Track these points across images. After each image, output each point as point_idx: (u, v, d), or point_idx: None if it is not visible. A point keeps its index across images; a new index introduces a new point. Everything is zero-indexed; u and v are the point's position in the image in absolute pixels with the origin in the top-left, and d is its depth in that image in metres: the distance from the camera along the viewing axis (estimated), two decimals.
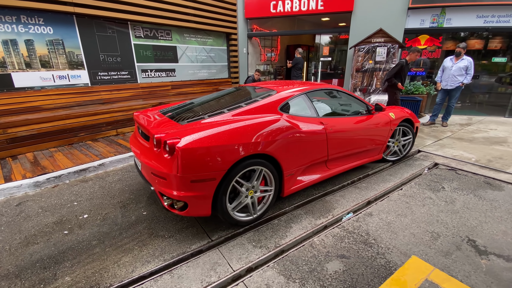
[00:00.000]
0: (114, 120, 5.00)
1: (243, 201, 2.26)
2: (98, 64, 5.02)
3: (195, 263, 1.93)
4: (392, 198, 2.85)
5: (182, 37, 6.33)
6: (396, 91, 4.96)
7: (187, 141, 1.91)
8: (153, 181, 2.13)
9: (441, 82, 5.60)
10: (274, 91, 2.75)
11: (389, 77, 4.89)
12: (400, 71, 4.81)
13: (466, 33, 6.56)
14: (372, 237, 2.19)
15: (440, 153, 4.16)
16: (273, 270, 1.85)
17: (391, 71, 4.91)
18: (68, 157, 3.84)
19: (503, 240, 2.14)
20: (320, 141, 2.66)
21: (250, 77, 6.35)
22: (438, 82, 5.66)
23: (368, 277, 1.78)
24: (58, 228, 2.39)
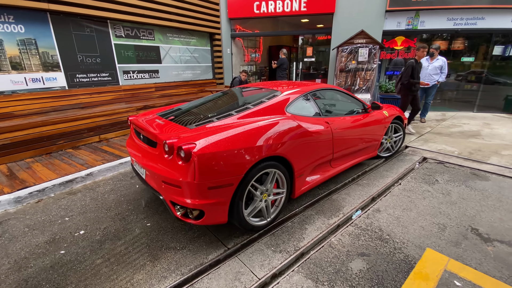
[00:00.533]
0: (96, 126, 4.65)
1: (257, 206, 2.19)
2: (75, 65, 4.64)
3: (217, 274, 1.84)
4: (394, 193, 2.95)
5: (165, 37, 6.08)
6: (409, 93, 4.87)
7: (203, 146, 1.81)
8: (164, 190, 1.99)
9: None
10: (279, 92, 2.72)
11: (407, 80, 4.73)
12: (413, 71, 4.69)
13: (438, 34, 7.03)
14: (385, 233, 2.24)
15: (425, 148, 4.40)
16: (299, 274, 1.82)
17: (405, 73, 4.76)
18: (49, 168, 3.50)
19: (501, 226, 2.30)
20: (326, 140, 2.68)
21: (236, 78, 6.26)
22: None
23: (392, 273, 1.81)
24: (53, 248, 2.15)
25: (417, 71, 4.77)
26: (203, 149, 1.80)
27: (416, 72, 4.75)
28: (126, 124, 5.10)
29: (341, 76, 6.83)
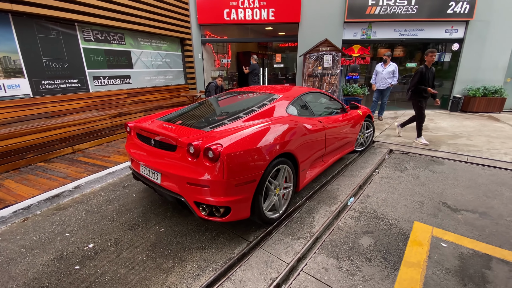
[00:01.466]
0: (69, 136, 4.30)
1: (272, 200, 2.38)
2: (41, 71, 4.24)
3: (248, 265, 1.97)
4: (376, 180, 3.40)
5: (136, 41, 5.86)
6: (420, 99, 4.61)
7: (228, 146, 1.94)
8: (187, 191, 2.05)
9: (375, 83, 6.75)
10: (276, 95, 2.95)
11: (413, 86, 4.56)
12: (422, 77, 4.45)
13: (388, 43, 8.08)
14: (379, 213, 2.62)
15: (389, 141, 5.07)
16: (321, 255, 2.05)
17: (413, 80, 4.58)
18: (26, 184, 3.17)
19: (463, 199, 2.87)
20: (321, 137, 2.99)
21: (212, 83, 6.32)
22: (373, 84, 6.78)
23: (394, 243, 2.16)
24: (64, 265, 2.02)
25: (428, 78, 4.47)
26: (229, 148, 1.93)
27: (427, 78, 4.47)
28: (101, 133, 4.80)
29: (309, 81, 7.38)
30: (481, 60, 7.72)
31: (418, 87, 4.54)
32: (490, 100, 7.68)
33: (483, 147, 4.65)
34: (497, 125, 6.36)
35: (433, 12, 7.26)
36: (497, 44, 7.58)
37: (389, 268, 1.90)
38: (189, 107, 3.18)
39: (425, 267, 1.91)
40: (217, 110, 2.86)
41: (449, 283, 1.77)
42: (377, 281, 1.79)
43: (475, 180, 3.36)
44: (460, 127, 6.16)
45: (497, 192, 3.04)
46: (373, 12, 7.28)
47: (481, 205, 2.76)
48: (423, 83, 4.49)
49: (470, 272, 1.87)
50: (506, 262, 1.96)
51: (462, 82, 7.96)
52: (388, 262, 1.96)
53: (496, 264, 1.94)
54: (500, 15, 7.33)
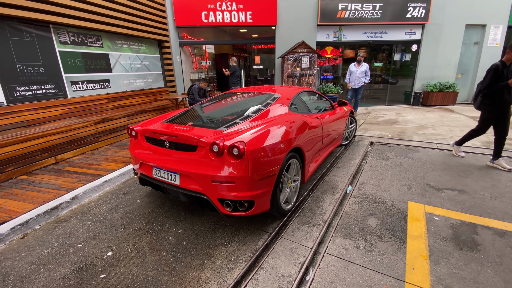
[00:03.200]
0: (51, 145, 4.01)
1: (286, 193, 2.53)
2: (14, 76, 3.90)
3: (275, 254, 2.09)
4: (366, 169, 3.73)
5: (114, 44, 5.62)
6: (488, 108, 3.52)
7: (251, 143, 2.05)
8: (211, 189, 2.11)
9: (349, 82, 7.23)
10: (277, 94, 3.11)
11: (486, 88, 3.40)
12: (496, 75, 3.30)
13: (357, 45, 8.70)
14: (378, 197, 2.91)
15: (368, 135, 5.53)
16: (338, 237, 2.25)
17: (484, 81, 3.44)
18: (14, 199, 2.93)
19: (443, 180, 3.30)
20: (320, 132, 3.22)
21: (195, 85, 6.26)
22: (348, 83, 7.24)
23: (396, 221, 2.45)
24: (88, 276, 1.96)
25: (506, 77, 3.30)
26: (252, 145, 2.04)
27: (504, 76, 3.30)
28: (84, 140, 4.54)
29: (288, 81, 7.68)
30: (436, 59, 8.69)
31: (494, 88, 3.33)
32: (446, 94, 8.68)
33: (447, 135, 5.29)
34: (454, 115, 7.23)
35: (395, 16, 8.01)
36: (449, 45, 8.59)
37: (398, 242, 2.16)
38: (190, 109, 3.20)
39: (427, 238, 2.21)
40: (223, 111, 2.94)
41: (448, 248, 2.08)
42: (391, 253, 2.04)
43: (448, 163, 3.85)
44: (424, 119, 6.90)
45: (467, 172, 3.54)
46: (343, 16, 7.82)
47: (458, 183, 3.20)
48: (502, 80, 3.30)
49: (463, 238, 2.20)
50: (488, 228, 2.34)
51: (421, 79, 8.88)
52: (396, 237, 2.22)
53: (481, 230, 2.31)
54: (450, 19, 8.32)
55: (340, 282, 1.79)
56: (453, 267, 1.88)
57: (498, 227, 2.35)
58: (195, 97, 6.09)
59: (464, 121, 6.52)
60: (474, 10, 8.32)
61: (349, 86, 7.24)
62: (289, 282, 1.81)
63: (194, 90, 6.25)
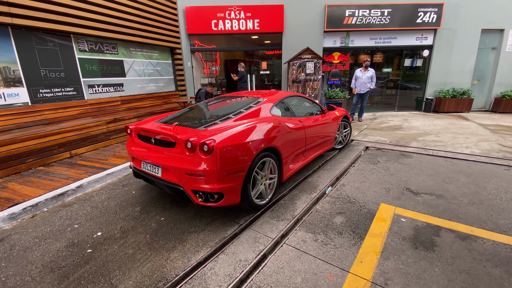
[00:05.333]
0: (67, 141, 4.53)
1: (259, 188, 2.74)
2: (39, 80, 4.47)
3: (239, 242, 2.31)
4: (351, 172, 3.83)
5: (128, 51, 6.16)
6: None
7: (220, 141, 2.30)
8: (185, 181, 2.38)
9: (355, 88, 7.24)
10: (261, 99, 3.35)
11: None
12: None
13: (365, 50, 8.71)
14: (352, 198, 3.02)
15: (366, 140, 5.56)
16: (301, 231, 2.42)
17: None
18: (30, 185, 3.39)
19: (424, 185, 3.33)
20: (301, 135, 3.39)
21: (202, 89, 6.64)
22: (354, 88, 7.25)
23: (362, 220, 2.56)
24: (77, 250, 2.30)
25: None
26: (221, 143, 2.29)
27: None
28: (96, 138, 5.03)
29: (293, 86, 7.86)
30: (449, 64, 8.45)
31: None
32: (459, 101, 8.40)
33: (448, 142, 5.20)
34: (464, 123, 7.01)
35: (404, 21, 7.94)
36: (463, 50, 8.33)
37: (356, 238, 2.29)
38: (182, 111, 3.52)
39: (386, 236, 2.32)
40: (208, 112, 3.22)
41: (403, 247, 2.18)
42: (346, 247, 2.18)
43: (437, 169, 3.84)
44: (431, 125, 6.76)
45: (454, 178, 3.53)
46: (350, 22, 7.89)
47: (439, 189, 3.22)
48: None
49: (422, 239, 2.28)
50: (452, 231, 2.39)
51: (433, 85, 8.66)
52: (356, 234, 2.35)
53: (444, 233, 2.37)
54: (465, 24, 8.09)
55: (289, 268, 1.97)
56: (401, 263, 1.99)
57: (463, 231, 2.39)
58: (201, 100, 6.46)
59: (473, 129, 6.31)
60: (490, 14, 8.03)
61: (354, 91, 7.27)
62: (244, 265, 2.01)
63: (201, 94, 6.64)
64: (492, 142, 5.10)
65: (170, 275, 1.96)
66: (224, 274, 1.93)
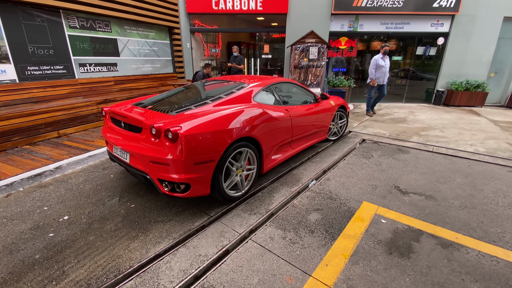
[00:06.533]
0: (54, 121, 4.47)
1: (234, 180, 2.60)
2: (26, 57, 4.37)
3: (204, 235, 2.20)
4: (340, 166, 3.63)
5: (122, 29, 5.96)
6: None
7: (187, 128, 2.14)
8: (151, 169, 2.26)
9: (374, 78, 6.21)
10: (246, 84, 3.13)
11: None
12: None
13: (374, 36, 8.19)
14: (334, 194, 2.85)
15: (364, 132, 5.29)
16: (271, 227, 2.29)
17: None
18: (11, 164, 3.37)
19: (416, 184, 3.11)
20: (287, 125, 3.19)
21: (199, 72, 6.42)
22: (373, 79, 6.21)
23: (339, 219, 2.41)
24: (40, 233, 2.25)
25: None
26: (188, 130, 2.13)
27: None
28: (86, 118, 4.97)
29: (295, 72, 7.52)
30: (465, 54, 7.87)
31: None
32: (472, 95, 7.88)
33: (452, 138, 4.88)
34: (474, 118, 6.59)
35: (419, 5, 7.35)
36: (482, 39, 7.71)
37: (327, 239, 2.15)
38: (165, 93, 3.36)
39: (360, 238, 2.16)
40: (187, 96, 3.05)
41: (376, 251, 2.02)
42: (314, 248, 2.04)
43: (433, 167, 3.59)
44: (437, 119, 6.38)
45: (449, 178, 3.29)
46: (360, 5, 7.37)
47: (430, 189, 3.00)
48: None
49: (399, 243, 2.11)
50: (435, 237, 2.21)
51: (446, 76, 8.13)
52: (328, 234, 2.20)
53: (425, 238, 2.19)
54: (486, 10, 7.44)
55: (248, 267, 1.85)
56: (369, 270, 1.84)
57: (447, 237, 2.21)
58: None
59: (482, 125, 5.92)
60: None
61: (374, 83, 6.25)
62: (202, 261, 1.91)
63: (198, 77, 6.41)
64: (500, 141, 4.75)
65: (124, 266, 1.88)
66: (179, 269, 1.84)
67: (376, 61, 6.15)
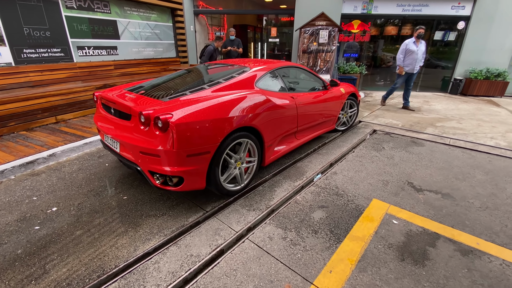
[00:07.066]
0: (52, 106, 4.33)
1: (232, 173, 2.40)
2: (22, 39, 4.18)
3: (198, 232, 2.03)
4: (348, 159, 3.39)
5: (122, 10, 5.67)
6: None
7: (180, 116, 1.93)
8: (141, 160, 2.08)
9: (403, 66, 5.50)
10: (248, 68, 2.87)
11: None
12: None
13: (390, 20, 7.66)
14: (341, 190, 2.63)
15: (376, 122, 4.99)
16: (271, 225, 2.11)
17: None
18: (4, 151, 3.25)
19: (431, 180, 2.86)
20: (292, 114, 2.94)
21: (210, 45, 5.93)
22: (401, 66, 5.52)
23: (346, 218, 2.20)
24: (25, 225, 2.12)
25: None
26: (180, 119, 1.92)
27: None
28: (85, 104, 4.81)
29: (303, 57, 7.14)
30: (487, 41, 7.30)
31: None
32: (492, 84, 7.37)
33: (470, 130, 4.54)
34: (494, 109, 6.16)
35: None
36: (506, 24, 7.11)
37: (332, 240, 1.95)
38: (162, 77, 3.13)
39: (369, 241, 1.95)
40: (185, 81, 2.81)
41: (387, 257, 1.81)
42: (317, 251, 1.84)
43: (450, 162, 3.31)
44: (454, 110, 5.99)
45: (468, 174, 3.01)
46: None
47: (447, 186, 2.75)
48: None
49: (413, 249, 1.90)
50: (453, 242, 1.98)
51: (464, 63, 7.60)
52: (334, 235, 2.00)
53: (442, 243, 1.97)
54: None
55: (243, 271, 1.68)
56: (378, 279, 1.64)
57: (467, 243, 1.98)
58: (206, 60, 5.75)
59: (503, 116, 5.51)
60: None
61: (402, 70, 5.52)
62: (193, 262, 1.75)
63: (207, 52, 5.87)
64: None
65: (109, 265, 1.74)
66: (167, 271, 1.68)
67: (406, 45, 5.36)
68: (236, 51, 6.50)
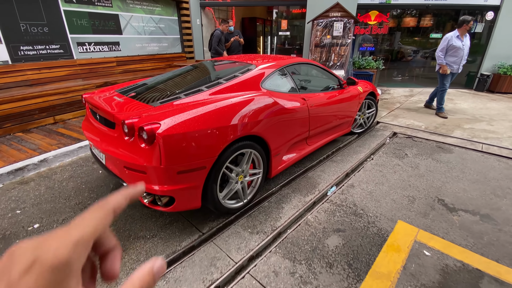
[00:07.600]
0: (50, 106, 4.13)
1: (233, 188, 2.09)
2: (19, 36, 3.97)
3: (191, 262, 1.74)
4: (367, 168, 3.01)
5: (124, 3, 5.40)
6: None
7: (168, 126, 1.62)
8: (127, 176, 1.80)
9: (446, 64, 4.62)
10: (253, 65, 2.53)
11: None
12: None
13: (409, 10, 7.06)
14: (359, 208, 2.28)
15: (395, 123, 4.54)
16: (277, 255, 1.79)
17: None
18: None
19: (465, 196, 2.45)
20: (303, 117, 2.59)
21: (216, 30, 5.65)
22: (443, 64, 4.63)
23: (366, 247, 1.85)
24: (3, 246, 1.90)
25: None
26: (169, 129, 1.61)
27: None
28: None
29: (316, 51, 6.69)
30: None
31: None
32: None
33: (504, 134, 4.03)
34: None
35: None
36: None
37: (351, 278, 1.61)
38: (160, 76, 2.83)
39: (396, 280, 1.60)
40: (182, 81, 2.50)
41: None
42: None
43: (485, 173, 2.88)
44: (483, 109, 5.43)
45: (509, 190, 2.58)
46: None
47: (486, 205, 2.34)
48: None
49: None
50: (500, 282, 1.61)
51: (493, 57, 6.93)
52: (353, 270, 1.66)
53: (487, 284, 1.60)
54: None
55: None
56: None
57: None
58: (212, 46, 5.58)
59: None
60: None
61: (446, 69, 4.61)
62: None
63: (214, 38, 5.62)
64: None
65: None
66: None
67: (447, 40, 4.50)
68: (238, 40, 6.20)
